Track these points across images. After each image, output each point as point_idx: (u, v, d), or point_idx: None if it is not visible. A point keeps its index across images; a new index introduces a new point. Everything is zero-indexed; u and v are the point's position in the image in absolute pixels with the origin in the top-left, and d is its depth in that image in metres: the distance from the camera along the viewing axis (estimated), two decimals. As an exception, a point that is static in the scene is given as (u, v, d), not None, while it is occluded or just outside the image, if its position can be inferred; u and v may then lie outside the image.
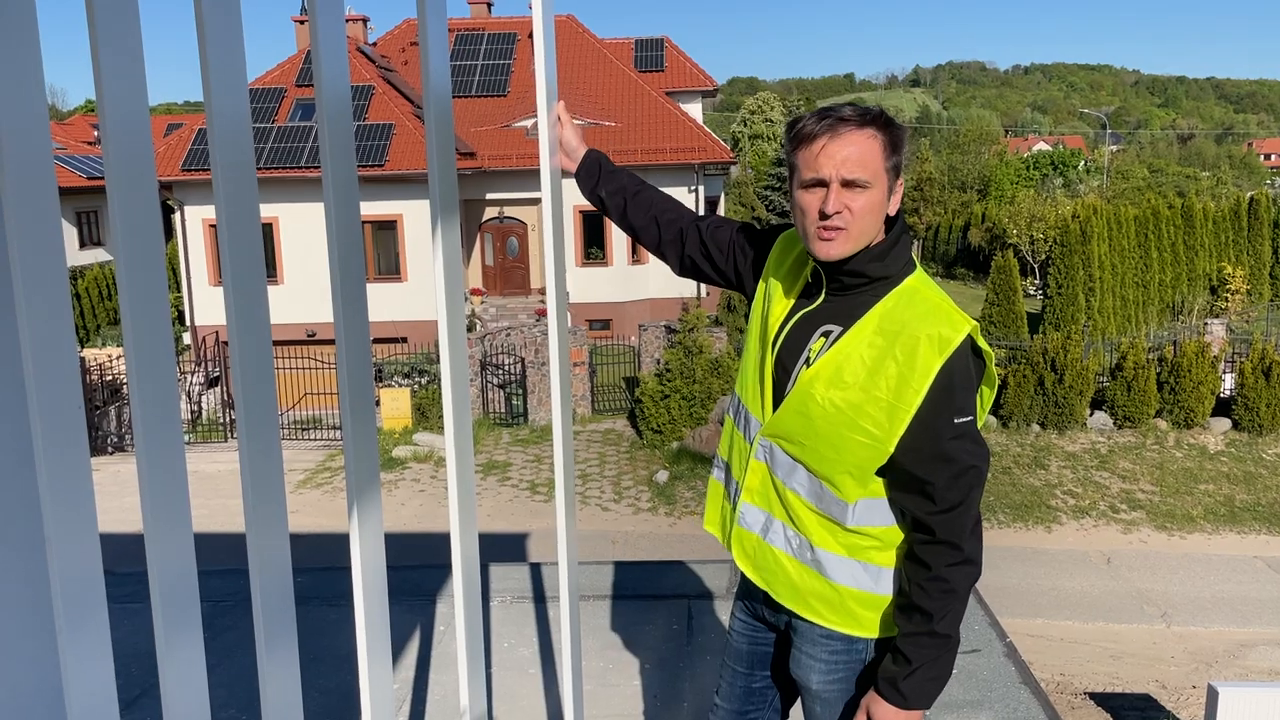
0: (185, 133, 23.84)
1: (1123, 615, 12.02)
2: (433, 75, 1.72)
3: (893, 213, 1.82)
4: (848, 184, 1.75)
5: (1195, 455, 16.99)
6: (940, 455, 1.76)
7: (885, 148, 1.76)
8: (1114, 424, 17.88)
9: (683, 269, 2.25)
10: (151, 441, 1.26)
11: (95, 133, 41.00)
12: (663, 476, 16.15)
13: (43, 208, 1.09)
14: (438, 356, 20.35)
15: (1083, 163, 62.22)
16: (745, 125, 63.71)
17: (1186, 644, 11.34)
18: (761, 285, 2.03)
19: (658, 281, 25.31)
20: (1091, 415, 17.96)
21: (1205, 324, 22.04)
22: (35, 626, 1.19)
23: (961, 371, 1.76)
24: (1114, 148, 75.74)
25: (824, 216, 1.76)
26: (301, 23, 28.40)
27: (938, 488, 1.76)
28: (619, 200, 2.29)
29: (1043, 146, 78.28)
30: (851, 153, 1.74)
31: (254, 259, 1.39)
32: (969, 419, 1.78)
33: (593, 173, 2.32)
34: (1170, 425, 17.76)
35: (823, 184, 1.76)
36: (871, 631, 1.90)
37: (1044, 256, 32.13)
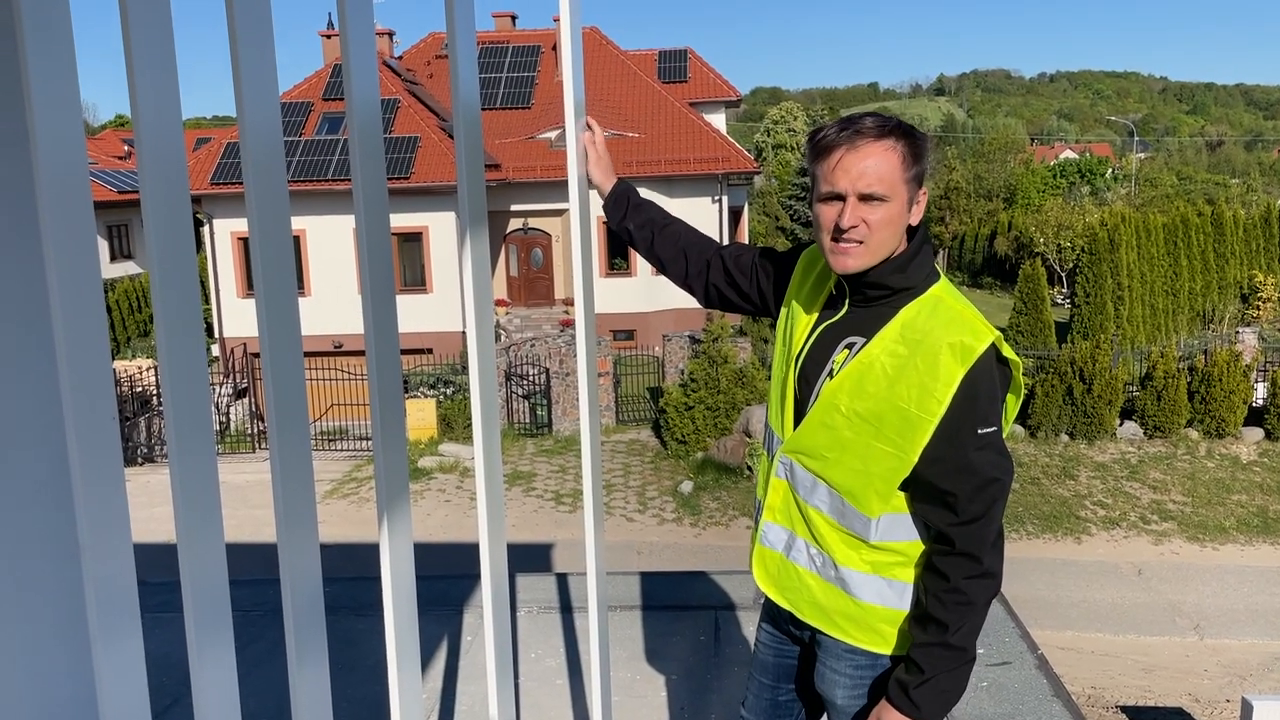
0: (214, 146, 24.10)
1: (1154, 627, 11.86)
2: (462, 89, 1.73)
3: (914, 223, 1.80)
4: (865, 198, 1.73)
5: (1227, 465, 16.77)
6: (963, 466, 1.74)
7: (905, 159, 1.73)
8: (1144, 434, 17.68)
9: (708, 300, 2.25)
10: (184, 454, 1.27)
11: (126, 147, 41.60)
12: (687, 487, 16.12)
13: (79, 224, 1.11)
14: (463, 367, 20.46)
15: (1110, 170, 61.74)
16: (769, 135, 63.64)
17: (1219, 656, 11.18)
18: (785, 304, 2.03)
19: (681, 292, 25.20)
20: (1121, 425, 17.77)
21: (1236, 332, 21.76)
22: (70, 636, 1.20)
23: (985, 381, 1.74)
24: (1142, 155, 75.09)
25: (840, 230, 1.74)
26: (329, 37, 28.68)
27: (960, 499, 1.74)
28: (647, 233, 2.29)
29: (1069, 154, 77.71)
30: (869, 165, 1.72)
31: (285, 271, 1.40)
32: (993, 429, 1.75)
33: (620, 205, 2.33)
34: (1201, 435, 17.54)
35: (840, 197, 1.74)
36: (898, 648, 1.89)
37: (1071, 265, 31.87)
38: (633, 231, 2.32)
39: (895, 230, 1.76)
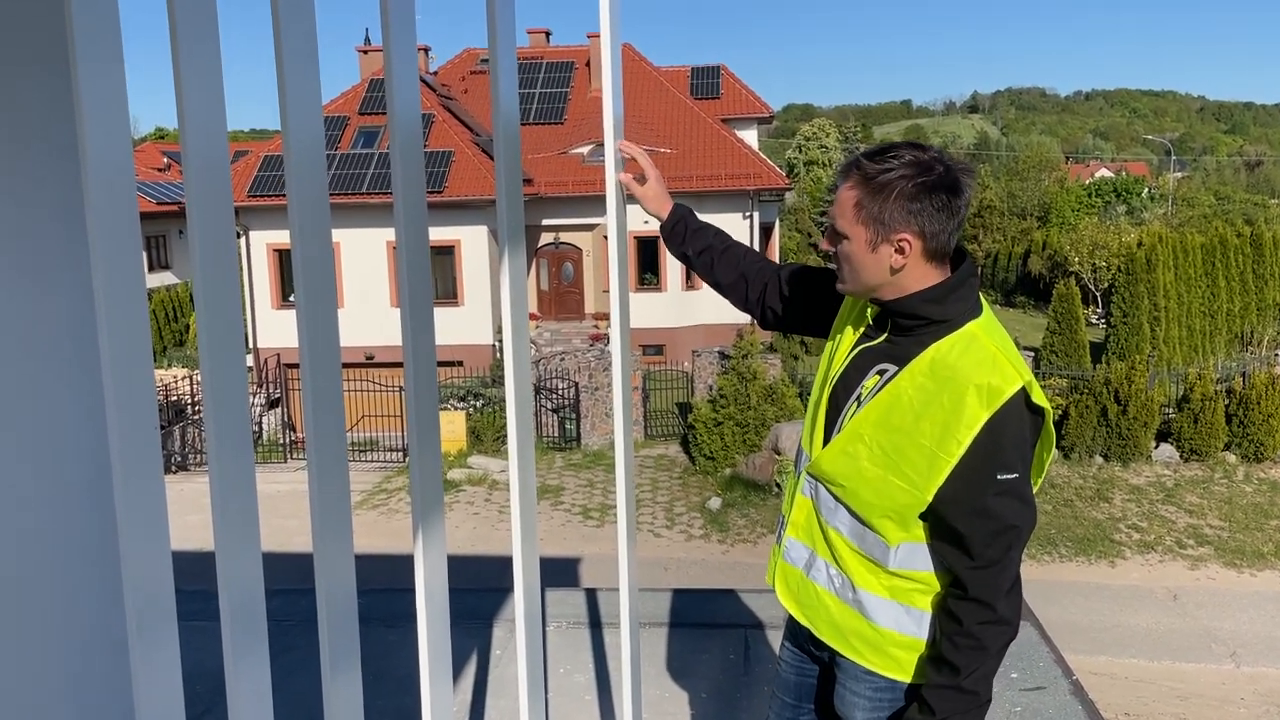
0: (251, 159, 24.42)
1: (1190, 654, 11.65)
2: (503, 105, 1.74)
3: (895, 268, 1.76)
4: (834, 230, 1.81)
5: (1266, 490, 16.47)
6: (980, 511, 1.72)
7: (859, 202, 1.75)
8: (1180, 457, 17.41)
9: (764, 322, 2.26)
10: (224, 465, 1.28)
11: (165, 159, 42.23)
12: (715, 503, 16.06)
13: (125, 240, 1.12)
14: (493, 380, 20.53)
15: (1147, 190, 61.09)
16: (800, 152, 63.57)
17: (1257, 685, 10.95)
18: (835, 325, 2.03)
19: (711, 307, 25.27)
20: (1156, 448, 17.52)
21: (1276, 355, 21.43)
22: (108, 642, 1.22)
23: (1012, 426, 1.71)
24: (1179, 174, 74.28)
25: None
26: (365, 53, 29.01)
27: (974, 543, 1.73)
28: (707, 259, 2.30)
29: (1105, 173, 76.99)
30: (835, 203, 1.81)
31: (326, 283, 1.41)
32: (1014, 476, 1.72)
33: (679, 232, 2.34)
34: (1239, 459, 17.25)
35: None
36: (915, 675, 1.87)
37: (1107, 285, 31.52)
38: (692, 257, 2.33)
39: (861, 264, 1.79)
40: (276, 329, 23.61)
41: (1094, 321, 31.21)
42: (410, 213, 1.52)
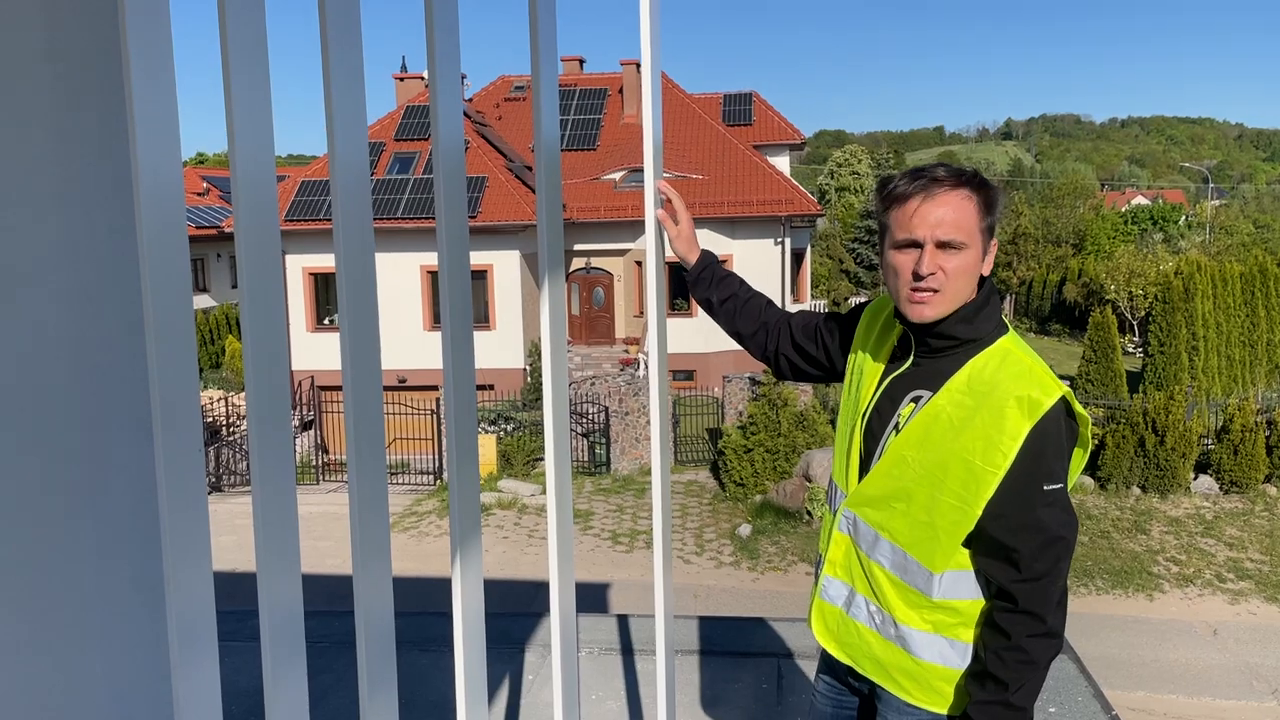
0: (289, 184, 24.76)
1: (1230, 691, 11.40)
2: (545, 135, 1.76)
3: (985, 273, 1.80)
4: (942, 245, 1.72)
5: (1309, 524, 16.15)
6: (1028, 523, 1.70)
7: (980, 208, 1.74)
8: (1219, 488, 17.10)
9: (779, 371, 2.27)
10: (267, 488, 1.30)
11: (204, 184, 42.91)
12: (745, 530, 15.97)
13: (174, 264, 1.15)
14: (523, 404, 20.56)
15: (1184, 217, 60.46)
16: (832, 178, 63.59)
17: (1301, 724, 10.69)
18: (851, 360, 2.03)
19: (743, 333, 25.25)
20: (1195, 479, 17.22)
21: (1318, 386, 21.05)
22: (151, 661, 1.23)
23: (1053, 437, 1.70)
24: (1217, 202, 73.43)
25: (918, 278, 1.73)
26: (402, 80, 29.41)
27: (1024, 556, 1.71)
28: (731, 307, 2.32)
29: (1141, 201, 76.32)
30: (946, 214, 1.72)
31: (369, 306, 1.43)
32: (1059, 486, 1.72)
33: (705, 278, 2.36)
34: (1281, 491, 16.94)
35: (917, 245, 1.74)
36: (955, 707, 1.85)
37: (1143, 313, 31.18)
38: (715, 304, 2.34)
39: (970, 280, 1.76)
40: (311, 351, 23.84)
41: (1131, 350, 30.85)
42: (452, 241, 1.54)
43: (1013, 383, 1.71)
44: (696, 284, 2.36)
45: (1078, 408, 1.75)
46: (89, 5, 1.04)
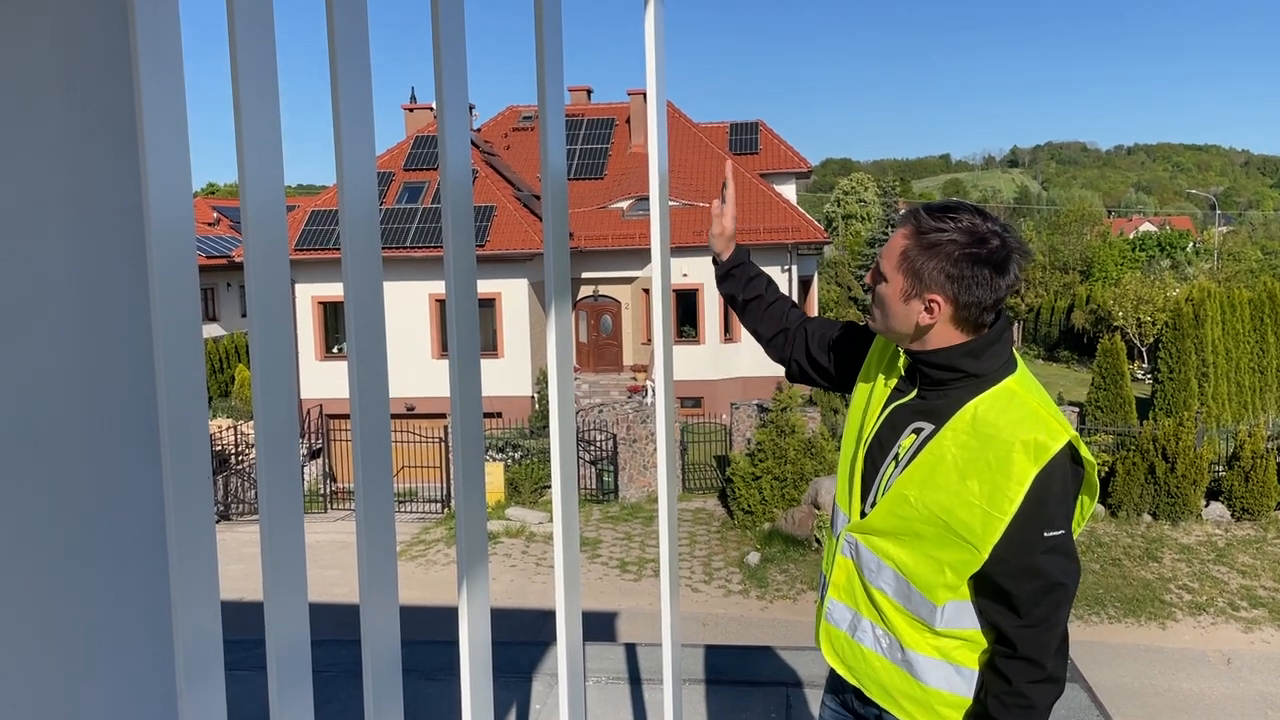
0: (298, 214, 24.93)
1: (1246, 721, 11.26)
2: (551, 164, 1.78)
3: (922, 324, 1.77)
4: (878, 269, 1.82)
5: (1322, 551, 16.00)
6: (1028, 569, 1.70)
7: (909, 249, 1.75)
8: (1231, 516, 16.98)
9: (790, 374, 2.31)
10: (275, 518, 1.30)
11: (214, 214, 43.23)
12: (754, 558, 15.89)
13: (184, 294, 1.16)
14: (531, 432, 20.56)
15: (1191, 244, 60.44)
16: (839, 205, 63.80)
17: (1319, 756, 10.54)
18: (861, 381, 2.03)
19: (750, 360, 25.26)
20: (1207, 506, 17.10)
21: (1329, 412, 20.94)
22: (157, 690, 1.23)
23: (1058, 482, 1.69)
24: (1224, 229, 73.40)
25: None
26: (411, 110, 29.65)
27: (1023, 601, 1.71)
28: (757, 308, 2.35)
29: (1148, 227, 76.33)
30: (888, 244, 1.82)
31: (377, 336, 1.44)
32: (1061, 533, 1.71)
33: (736, 275, 2.38)
34: (1294, 518, 16.81)
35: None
36: None
37: (1152, 340, 31.12)
38: (740, 302, 2.37)
39: (893, 310, 1.80)
40: (319, 380, 23.90)
41: (1140, 377, 30.74)
42: (460, 270, 1.55)
43: (1018, 426, 1.70)
44: (725, 279, 2.39)
45: (1084, 451, 1.74)
46: (101, 36, 1.06)
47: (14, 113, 0.95)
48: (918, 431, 1.80)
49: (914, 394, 1.84)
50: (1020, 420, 1.72)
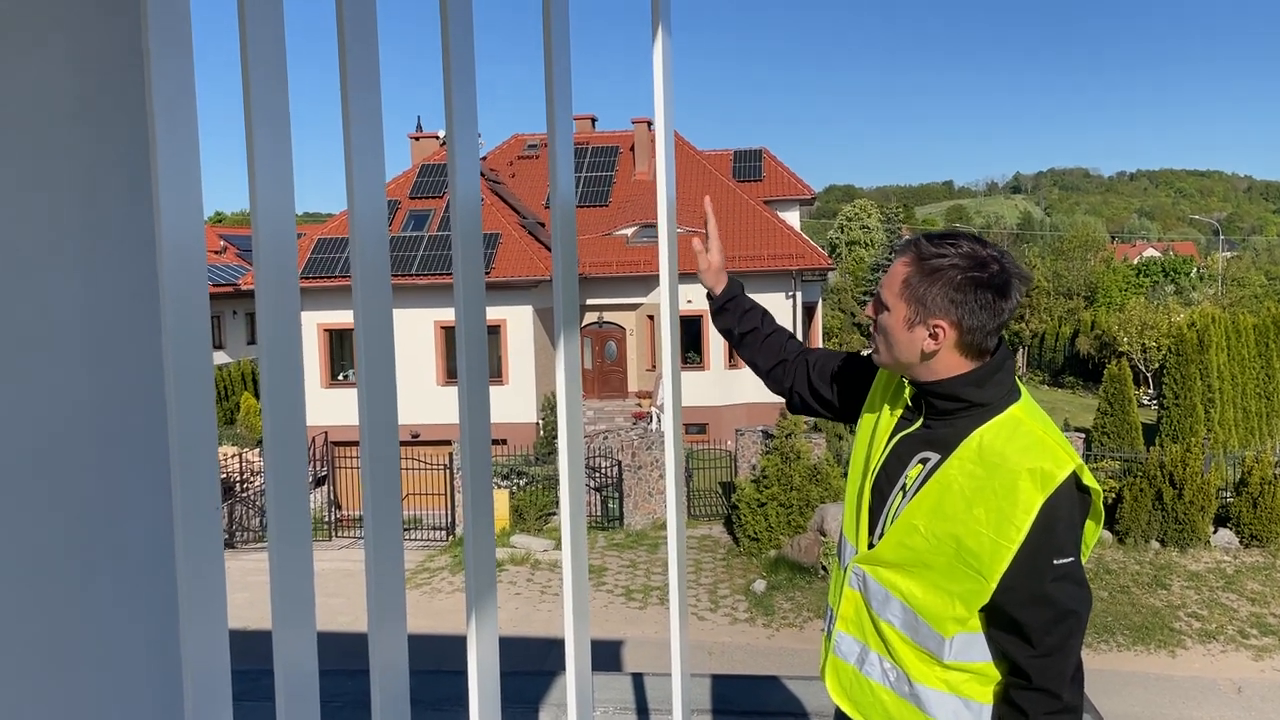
0: (305, 242, 25.05)
1: (1259, 751, 11.14)
2: (561, 193, 1.79)
3: (926, 351, 1.77)
4: (879, 300, 1.83)
5: (1333, 578, 15.89)
6: (1039, 597, 1.69)
7: (910, 276, 1.76)
8: (1240, 542, 16.88)
9: (792, 406, 2.30)
10: (283, 547, 1.30)
11: (221, 242, 43.46)
12: (760, 586, 15.81)
13: (195, 324, 1.16)
14: (536, 459, 20.53)
15: (1195, 269, 60.48)
16: (843, 232, 63.98)
17: (1333, 786, 10.42)
18: (866, 412, 2.03)
19: (754, 386, 25.24)
20: (1215, 532, 17.01)
21: (1337, 437, 20.87)
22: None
23: (1065, 510, 1.69)
24: (1228, 254, 73.46)
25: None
26: (417, 139, 29.85)
27: (1034, 630, 1.69)
28: (753, 340, 2.36)
29: (1152, 253, 76.41)
30: (888, 274, 1.83)
31: (387, 363, 1.44)
32: (1070, 560, 1.70)
33: (730, 308, 2.39)
34: (1303, 545, 16.70)
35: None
36: None
37: (1157, 365, 31.07)
38: (737, 335, 2.38)
39: (896, 340, 1.80)
40: (324, 407, 23.93)
41: (1145, 402, 30.67)
42: (469, 297, 1.55)
43: (1024, 455, 1.70)
44: (720, 313, 2.40)
45: (1089, 480, 1.74)
46: (117, 71, 1.07)
47: (30, 145, 0.96)
48: (924, 461, 1.80)
49: (919, 424, 1.84)
50: (1026, 449, 1.72)
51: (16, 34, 0.93)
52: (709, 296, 2.42)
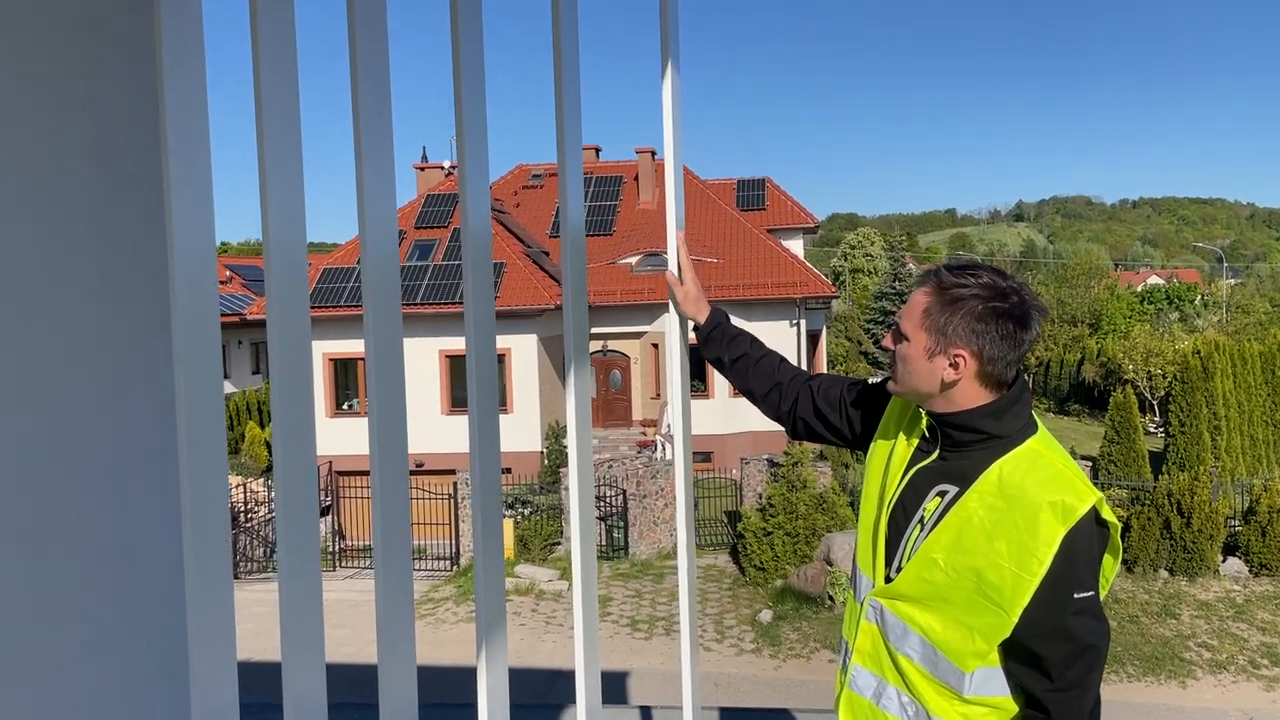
0: (311, 271, 25.08)
1: (1273, 784, 11.00)
2: (571, 221, 1.79)
3: (948, 381, 1.77)
4: (898, 330, 1.82)
5: (1344, 607, 15.75)
6: (1059, 631, 1.68)
7: (931, 306, 1.77)
8: (1249, 571, 16.75)
9: (795, 432, 2.28)
10: (294, 579, 1.29)
11: (227, 272, 43.64)
12: (766, 616, 15.70)
13: (207, 358, 1.16)
14: (540, 488, 20.44)
15: (1199, 297, 60.48)
16: (846, 260, 64.09)
17: (1349, 820, 10.28)
18: (878, 441, 2.01)
19: (759, 414, 25.11)
20: (1224, 561, 16.88)
21: (1345, 465, 20.74)
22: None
23: (1084, 543, 1.69)
24: (1232, 281, 73.48)
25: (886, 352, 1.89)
26: (422, 169, 30.04)
27: (1054, 665, 1.68)
28: (743, 366, 2.34)
29: (1155, 280, 76.46)
30: (908, 304, 1.83)
31: (396, 391, 1.44)
32: (1090, 594, 1.70)
33: (716, 336, 2.37)
34: (1313, 574, 16.57)
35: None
36: None
37: (1163, 393, 31.00)
38: (727, 364, 2.35)
39: (916, 369, 1.79)
40: (329, 437, 23.91)
41: (1152, 430, 30.57)
42: (479, 326, 1.55)
43: (1044, 487, 1.70)
44: (707, 343, 2.38)
45: (1108, 514, 1.74)
46: (130, 107, 1.08)
47: (46, 179, 0.97)
48: (942, 494, 1.79)
49: (936, 455, 1.83)
50: (1047, 481, 1.71)
51: (35, 76, 0.94)
52: (694, 328, 2.40)
